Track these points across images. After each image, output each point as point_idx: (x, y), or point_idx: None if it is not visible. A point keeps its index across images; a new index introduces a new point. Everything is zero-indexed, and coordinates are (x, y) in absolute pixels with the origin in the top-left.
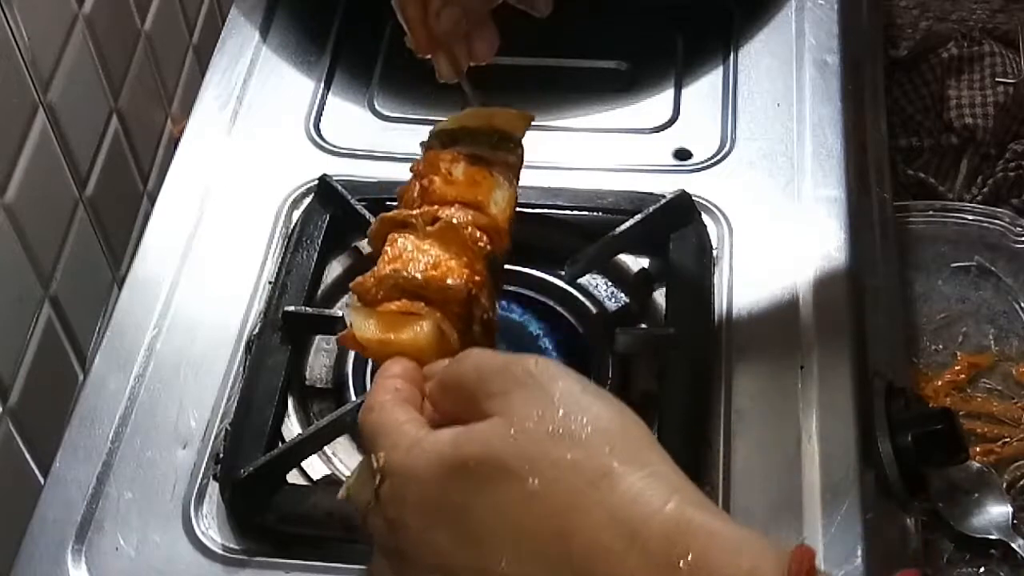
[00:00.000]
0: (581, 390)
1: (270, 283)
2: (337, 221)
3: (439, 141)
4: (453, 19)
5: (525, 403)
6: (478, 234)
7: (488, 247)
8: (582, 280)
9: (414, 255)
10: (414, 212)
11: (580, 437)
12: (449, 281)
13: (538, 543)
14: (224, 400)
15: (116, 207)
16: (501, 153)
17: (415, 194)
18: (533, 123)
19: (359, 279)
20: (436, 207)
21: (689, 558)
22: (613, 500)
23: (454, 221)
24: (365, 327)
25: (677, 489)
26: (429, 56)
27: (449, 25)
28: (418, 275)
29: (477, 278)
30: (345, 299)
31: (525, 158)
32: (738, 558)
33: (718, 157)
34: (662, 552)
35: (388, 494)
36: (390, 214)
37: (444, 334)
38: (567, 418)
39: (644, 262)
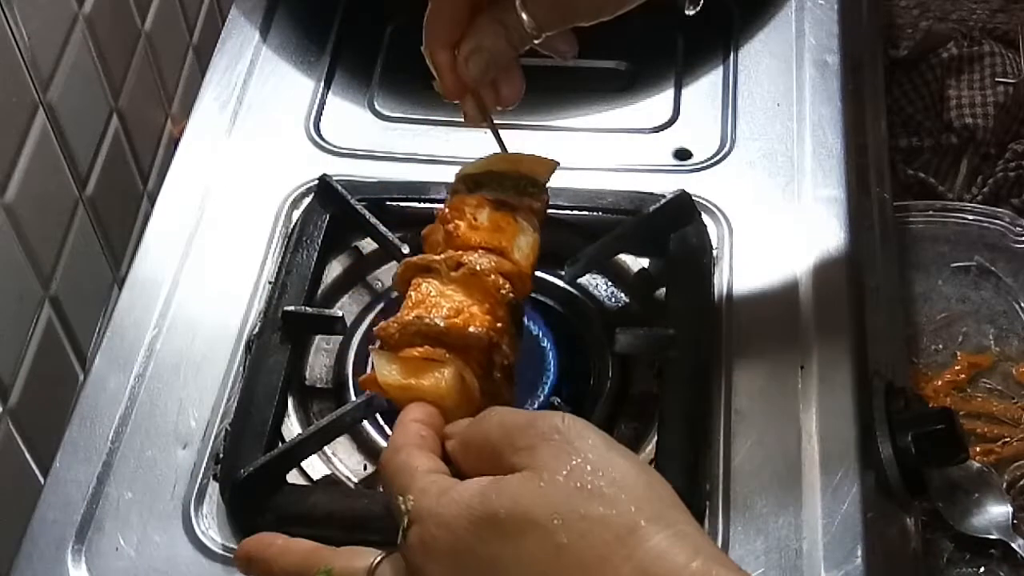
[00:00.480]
0: (607, 447)
1: (270, 283)
2: (337, 221)
3: (464, 185)
4: (481, 66)
5: (553, 457)
6: (501, 281)
7: (510, 294)
8: (582, 280)
9: (437, 301)
10: (438, 257)
11: (608, 493)
12: (471, 329)
13: None
14: (224, 400)
15: (116, 207)
16: (526, 199)
17: (440, 238)
18: (533, 123)
19: (383, 324)
20: (460, 252)
21: None
22: (640, 556)
23: (477, 267)
24: (387, 372)
25: (701, 549)
26: (457, 101)
27: (477, 72)
28: (440, 322)
29: (499, 325)
30: (345, 298)
31: None
32: None
33: (718, 157)
34: None
35: (415, 540)
36: (414, 259)
37: (465, 381)
38: (595, 474)
39: (644, 262)
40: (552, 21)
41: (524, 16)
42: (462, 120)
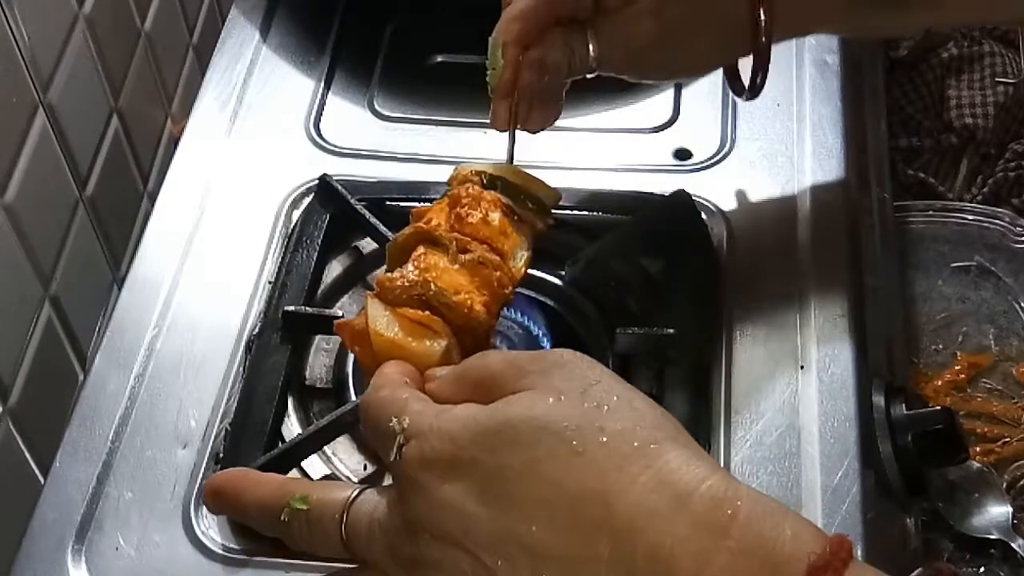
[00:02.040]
0: (617, 379)
1: (270, 283)
2: (337, 221)
3: (480, 178)
4: (539, 76)
5: (567, 380)
6: (504, 279)
7: (512, 296)
8: (582, 280)
9: (443, 276)
10: (450, 234)
11: (625, 413)
12: (477, 308)
13: (577, 507)
14: (224, 400)
15: (116, 207)
16: (533, 216)
17: (441, 219)
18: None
19: (387, 275)
20: (468, 239)
21: (736, 521)
22: (660, 466)
23: (487, 265)
24: (382, 322)
25: (718, 468)
26: (503, 98)
27: (534, 76)
28: (451, 296)
29: (492, 320)
30: (345, 298)
31: (526, 157)
32: (783, 523)
33: (718, 157)
34: (710, 514)
35: (413, 454)
36: (425, 227)
37: (451, 358)
38: (609, 395)
39: (644, 262)
40: (612, 61)
41: (591, 45)
42: (462, 120)
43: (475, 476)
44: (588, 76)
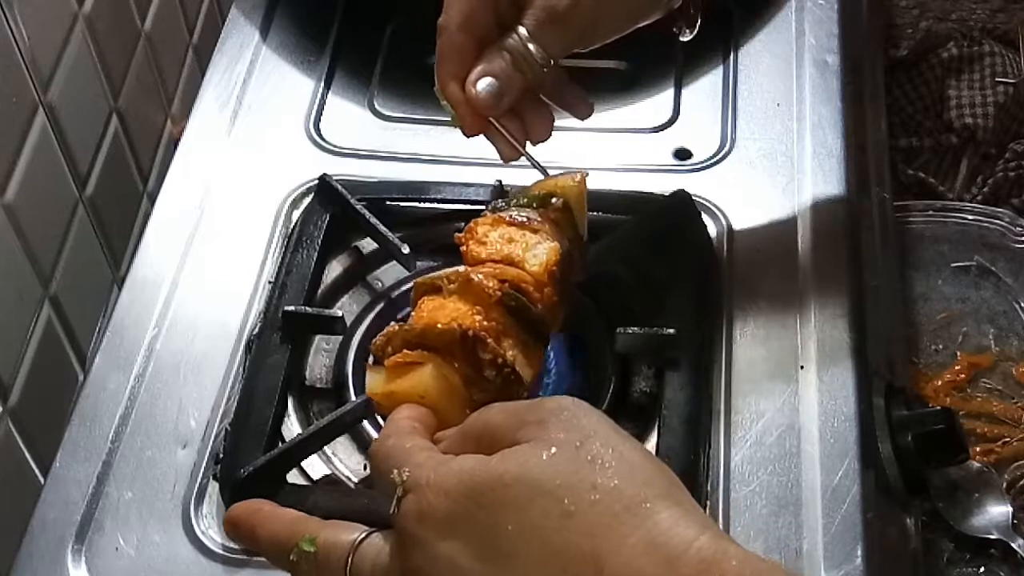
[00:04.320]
0: (613, 429)
1: (270, 283)
2: (337, 221)
3: (490, 209)
4: (491, 91)
5: (563, 431)
6: (494, 284)
7: (498, 292)
8: (582, 280)
9: (435, 312)
10: (441, 274)
11: (619, 468)
12: (439, 325)
13: (569, 566)
14: (224, 400)
15: (116, 207)
16: (542, 211)
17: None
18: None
19: (374, 340)
20: (468, 269)
21: None
22: (649, 527)
23: (473, 277)
24: (373, 382)
25: (708, 526)
26: (479, 134)
27: (487, 96)
28: (416, 325)
29: (485, 323)
30: (345, 298)
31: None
32: None
33: (718, 157)
34: None
35: (410, 507)
36: (422, 279)
37: (446, 378)
38: (605, 449)
39: (644, 262)
40: (555, 46)
41: (531, 45)
42: None
43: (471, 533)
44: (546, 69)
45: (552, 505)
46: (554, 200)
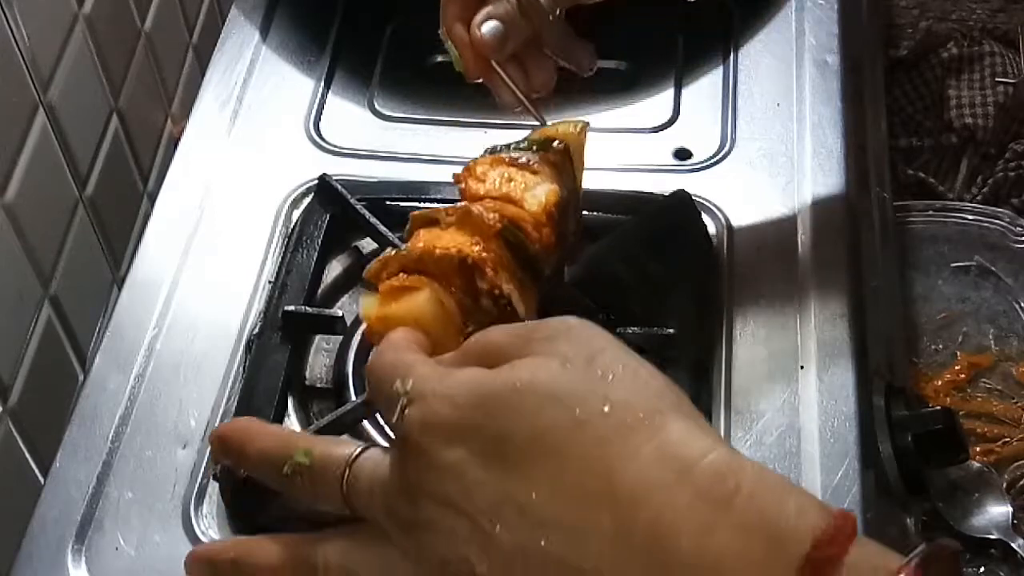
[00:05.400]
0: (622, 347)
1: (270, 283)
2: (337, 221)
3: (489, 151)
4: (495, 33)
5: (572, 346)
6: (495, 216)
7: (499, 224)
8: (582, 280)
9: (433, 241)
10: (440, 207)
11: (630, 383)
12: (437, 250)
13: (579, 475)
14: (224, 400)
15: (116, 207)
16: (542, 153)
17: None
18: (533, 123)
19: (368, 266)
20: (466, 204)
21: (740, 494)
22: (662, 438)
23: (473, 210)
24: (367, 306)
25: (720, 440)
26: (481, 80)
27: (491, 39)
28: (414, 250)
29: (484, 253)
30: (345, 298)
31: None
32: (787, 498)
33: (718, 157)
34: (713, 488)
35: (415, 416)
36: (419, 212)
37: (442, 304)
38: (615, 363)
39: (644, 262)
40: None
41: None
42: (462, 120)
43: (477, 441)
44: (552, 17)
45: (563, 415)
46: (555, 144)
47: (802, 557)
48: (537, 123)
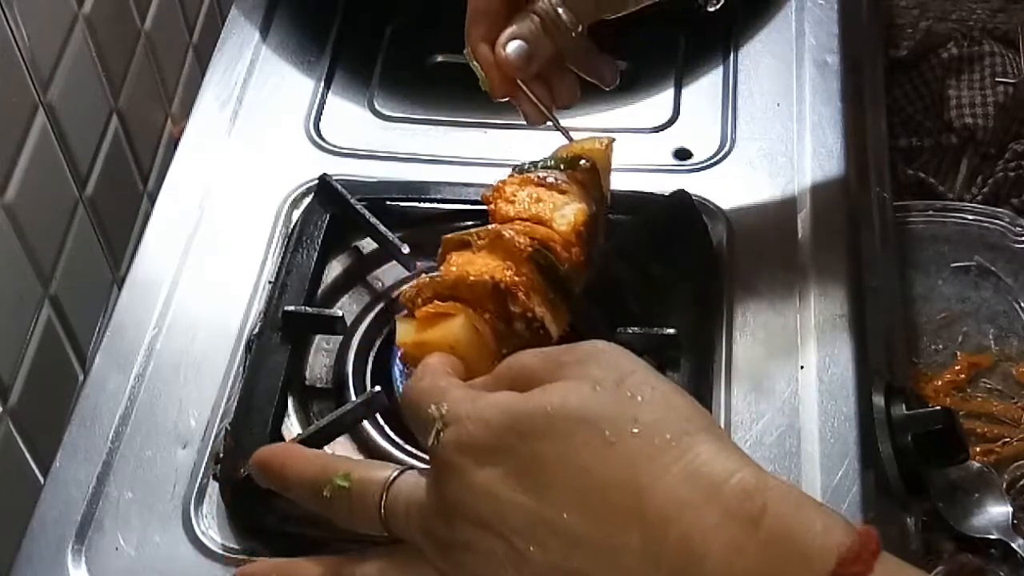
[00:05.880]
0: (651, 370)
1: (270, 283)
2: (337, 221)
3: (516, 170)
4: (520, 53)
5: (603, 369)
6: (525, 240)
7: (529, 248)
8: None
9: (465, 266)
10: (471, 231)
11: (660, 404)
12: (471, 276)
13: (609, 495)
14: (224, 400)
15: (116, 207)
16: (570, 172)
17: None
18: (535, 124)
19: (403, 289)
20: (496, 227)
21: (767, 513)
22: (691, 458)
23: (504, 234)
24: (404, 332)
25: (748, 461)
26: (507, 99)
27: (516, 59)
28: (448, 276)
29: (516, 278)
30: (345, 298)
31: (526, 158)
32: (813, 516)
33: (718, 157)
34: (741, 507)
35: (450, 439)
36: (450, 235)
37: (476, 330)
38: (645, 386)
39: (644, 262)
40: (585, 11)
41: (560, 10)
42: (462, 120)
43: (510, 463)
44: (575, 34)
45: (593, 436)
46: (582, 162)
47: (828, 574)
48: (564, 139)
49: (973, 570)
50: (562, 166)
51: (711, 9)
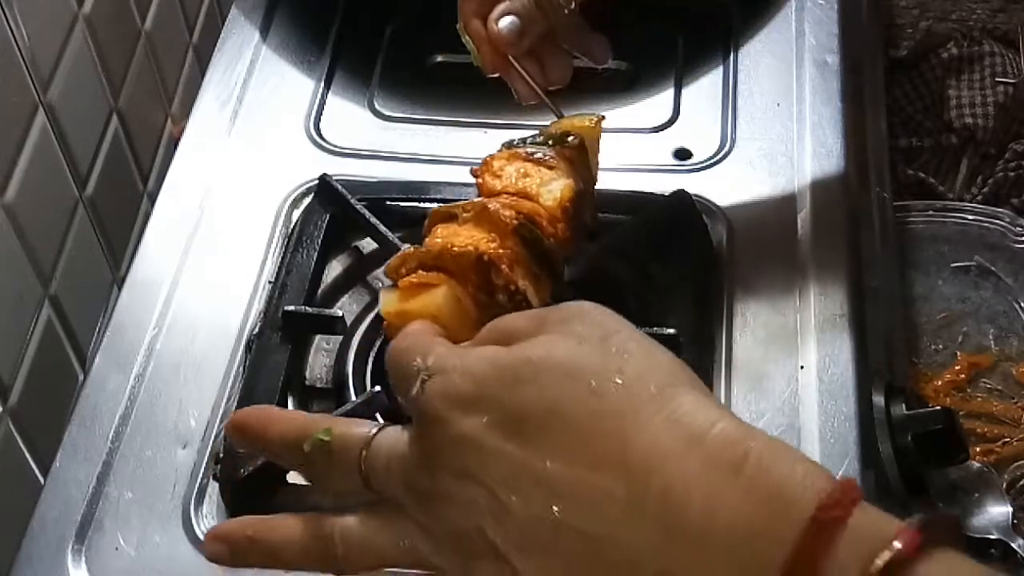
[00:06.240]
0: (635, 330)
1: (270, 283)
2: (337, 221)
3: (505, 146)
4: (512, 28)
5: (587, 326)
6: (511, 213)
7: (515, 220)
8: (582, 280)
9: (451, 238)
10: (457, 203)
11: (643, 359)
12: (455, 248)
13: (593, 443)
14: (224, 400)
15: (116, 207)
16: (558, 148)
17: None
18: (533, 123)
19: (388, 262)
20: (483, 200)
21: (748, 460)
22: (674, 407)
23: (489, 206)
24: (386, 302)
25: (728, 413)
26: (498, 75)
27: (508, 34)
28: (433, 247)
29: (500, 250)
30: (345, 298)
31: None
32: (794, 464)
33: (718, 157)
34: (723, 454)
35: (435, 389)
36: (437, 207)
37: (459, 301)
38: (629, 343)
39: (644, 262)
40: None
41: None
42: (462, 120)
43: (495, 412)
44: (567, 11)
45: (579, 387)
46: (570, 138)
47: (807, 519)
48: (553, 116)
49: (950, 519)
50: (551, 142)
51: None
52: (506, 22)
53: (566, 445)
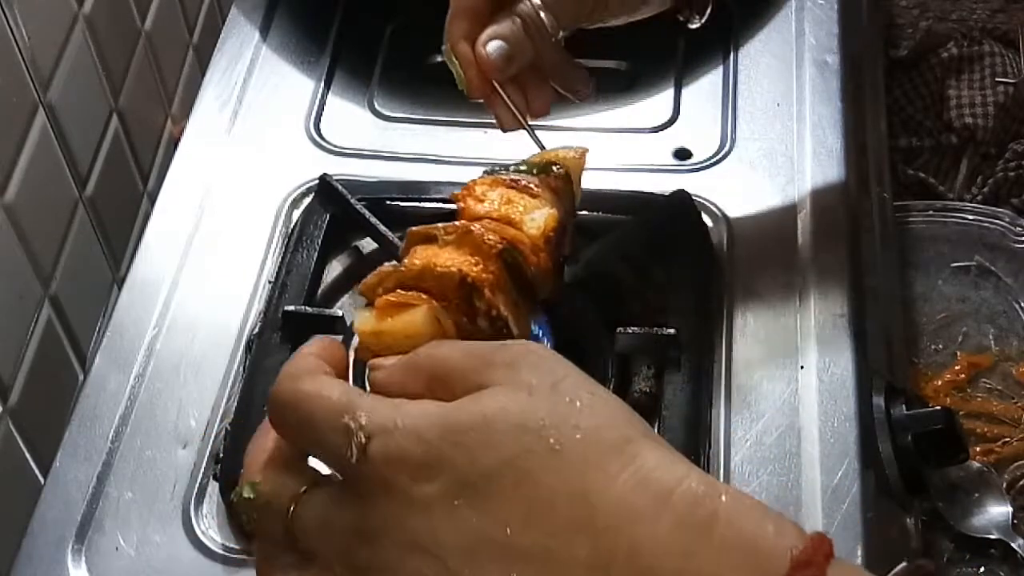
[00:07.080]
0: (581, 374)
1: (270, 283)
2: (337, 221)
3: (487, 172)
4: (500, 53)
5: (536, 374)
6: (496, 237)
7: (499, 245)
8: (582, 280)
9: (432, 259)
10: (438, 225)
11: (599, 409)
12: (438, 268)
13: (557, 504)
14: (224, 400)
15: (116, 207)
16: (543, 177)
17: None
18: (533, 123)
19: (364, 280)
20: (466, 222)
21: (718, 518)
22: (639, 464)
23: (472, 229)
24: (362, 321)
25: (694, 466)
26: (481, 100)
27: (497, 59)
28: (413, 267)
29: (484, 275)
30: (345, 298)
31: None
32: (764, 520)
33: (718, 157)
34: (691, 512)
35: (378, 453)
36: (417, 228)
37: (439, 322)
38: (580, 391)
39: (644, 262)
40: (566, 16)
41: (542, 13)
42: (462, 120)
43: (447, 476)
44: (555, 39)
45: (538, 443)
46: (555, 168)
47: None
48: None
49: (928, 573)
50: (535, 171)
51: (693, 26)
52: (494, 46)
53: (527, 508)
